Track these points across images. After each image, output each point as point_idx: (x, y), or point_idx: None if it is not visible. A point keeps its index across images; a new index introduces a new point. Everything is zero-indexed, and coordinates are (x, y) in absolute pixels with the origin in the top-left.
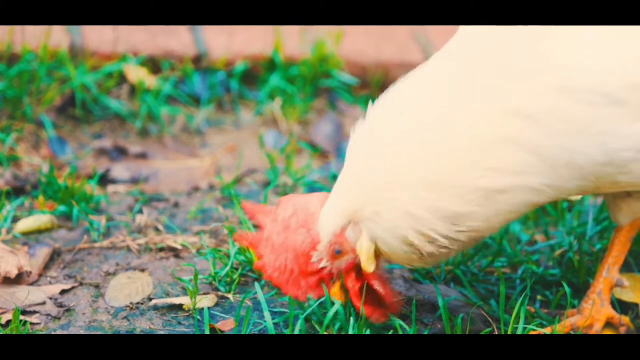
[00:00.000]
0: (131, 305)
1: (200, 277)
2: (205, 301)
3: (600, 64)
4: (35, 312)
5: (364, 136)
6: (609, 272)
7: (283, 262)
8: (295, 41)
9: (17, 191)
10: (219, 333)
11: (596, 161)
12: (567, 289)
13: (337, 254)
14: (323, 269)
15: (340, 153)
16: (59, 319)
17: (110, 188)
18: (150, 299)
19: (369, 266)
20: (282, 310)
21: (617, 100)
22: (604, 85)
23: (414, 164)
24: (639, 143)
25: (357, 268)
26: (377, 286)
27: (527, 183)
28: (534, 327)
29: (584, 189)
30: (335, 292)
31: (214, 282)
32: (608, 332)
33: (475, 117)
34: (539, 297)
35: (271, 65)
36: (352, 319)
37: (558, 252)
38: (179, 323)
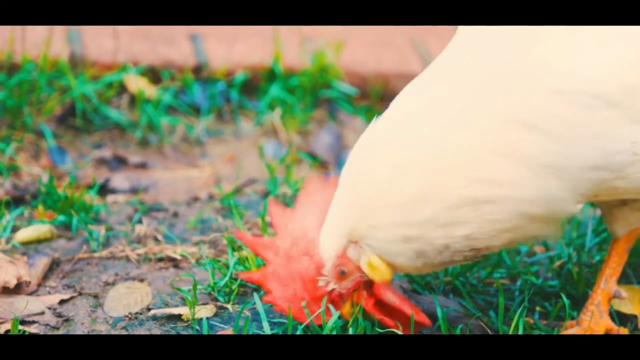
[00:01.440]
0: (130, 315)
1: (199, 287)
2: (204, 311)
3: (594, 66)
4: (33, 322)
5: (353, 157)
6: (607, 283)
7: (292, 292)
8: (295, 51)
9: (16, 201)
10: None
11: (591, 165)
12: (565, 300)
13: (342, 274)
14: (332, 291)
15: (339, 163)
16: (58, 328)
17: (110, 198)
18: (149, 309)
19: (385, 278)
20: (281, 320)
21: (611, 102)
22: (598, 88)
23: (400, 173)
24: (633, 145)
25: (365, 285)
26: (389, 297)
27: (515, 193)
28: None
29: (583, 196)
30: (346, 312)
31: (212, 292)
32: None
33: (463, 126)
34: (537, 309)
35: (271, 75)
36: (350, 330)
37: (557, 263)
38: (178, 333)
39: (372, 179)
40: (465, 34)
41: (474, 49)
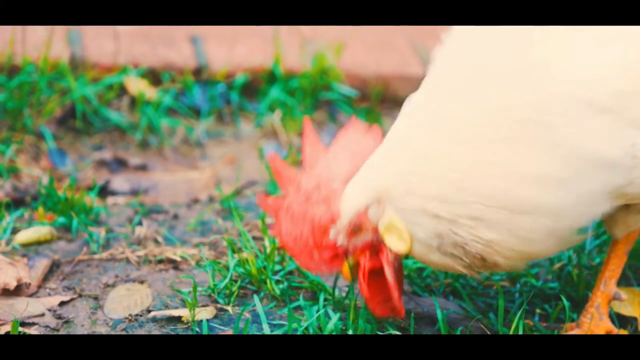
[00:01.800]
0: (130, 317)
1: (199, 289)
2: (204, 313)
3: (584, 72)
4: (34, 324)
5: (406, 118)
6: (606, 285)
7: (299, 232)
8: (295, 53)
9: (16, 202)
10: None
11: (600, 173)
12: (565, 302)
13: (355, 232)
14: (337, 245)
15: None
16: (58, 330)
17: (110, 199)
18: (149, 311)
19: (401, 245)
20: (281, 322)
21: (603, 108)
22: (589, 94)
23: (442, 157)
24: (633, 149)
25: (372, 249)
26: (387, 272)
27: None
28: None
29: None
30: (345, 271)
31: (212, 294)
32: None
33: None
34: (537, 311)
35: (271, 77)
36: (350, 332)
37: (557, 265)
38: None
39: (423, 147)
40: (465, 33)
41: (474, 49)
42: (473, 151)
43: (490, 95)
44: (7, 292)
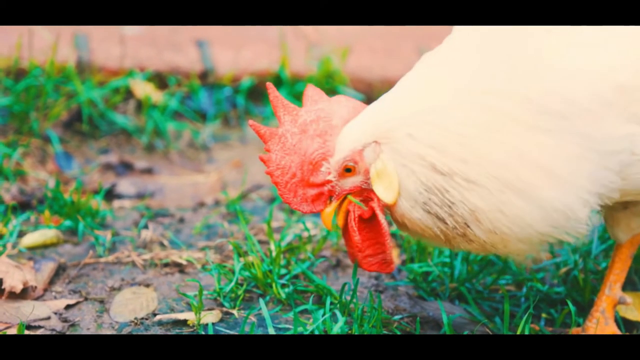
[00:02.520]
0: (135, 321)
1: (204, 292)
2: (210, 317)
3: (588, 67)
4: (39, 327)
5: (417, 73)
6: (611, 289)
7: (289, 163)
8: (301, 57)
9: (23, 206)
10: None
11: (594, 165)
12: (571, 307)
13: (347, 172)
14: (324, 184)
15: None
16: (64, 333)
17: (116, 203)
18: (155, 314)
19: (388, 194)
20: (286, 326)
21: (606, 101)
22: (593, 88)
23: (455, 111)
24: (632, 145)
25: (359, 194)
26: (382, 218)
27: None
28: None
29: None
30: (327, 214)
31: (218, 298)
32: None
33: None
34: (543, 315)
35: (277, 81)
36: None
37: (563, 270)
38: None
39: (436, 98)
40: (466, 33)
41: (476, 47)
42: (489, 122)
43: (504, 80)
44: (13, 295)
